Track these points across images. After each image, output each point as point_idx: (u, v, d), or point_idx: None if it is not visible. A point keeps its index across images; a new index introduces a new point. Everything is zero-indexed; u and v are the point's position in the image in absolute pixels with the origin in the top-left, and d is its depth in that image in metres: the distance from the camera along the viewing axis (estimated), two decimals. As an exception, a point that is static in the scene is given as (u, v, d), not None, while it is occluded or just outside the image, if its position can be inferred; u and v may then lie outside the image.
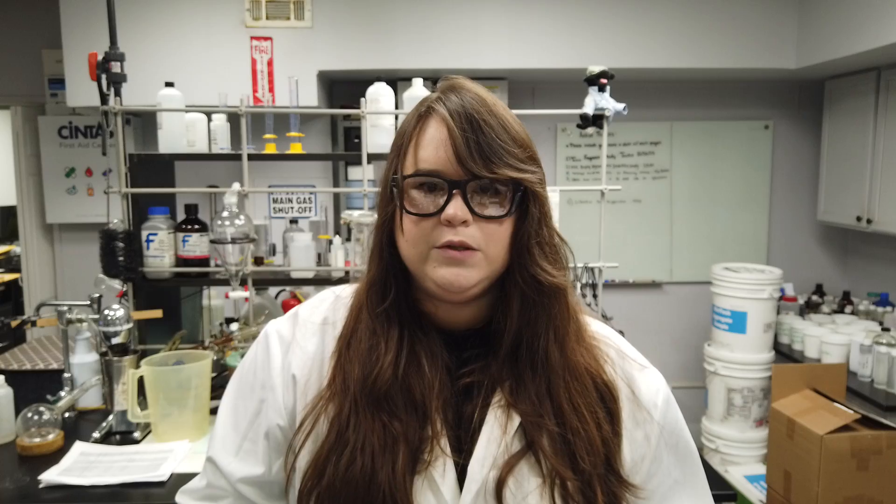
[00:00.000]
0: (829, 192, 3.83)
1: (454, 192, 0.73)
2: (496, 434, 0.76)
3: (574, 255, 0.85)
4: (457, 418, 0.78)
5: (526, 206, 0.76)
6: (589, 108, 2.28)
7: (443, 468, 0.75)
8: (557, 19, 3.43)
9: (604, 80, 2.29)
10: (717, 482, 1.78)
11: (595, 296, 2.34)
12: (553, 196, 2.31)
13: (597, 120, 2.30)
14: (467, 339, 0.81)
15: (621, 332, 2.72)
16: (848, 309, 3.81)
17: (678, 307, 4.21)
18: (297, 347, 0.84)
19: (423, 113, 0.77)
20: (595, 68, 2.30)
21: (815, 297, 3.95)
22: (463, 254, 0.74)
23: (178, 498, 0.91)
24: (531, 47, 3.43)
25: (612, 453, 0.78)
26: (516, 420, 0.76)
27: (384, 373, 0.77)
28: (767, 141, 4.13)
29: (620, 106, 2.29)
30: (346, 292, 0.87)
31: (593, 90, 2.30)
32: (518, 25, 3.42)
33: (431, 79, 3.85)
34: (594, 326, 0.87)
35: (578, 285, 2.32)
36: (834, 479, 2.38)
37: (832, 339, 3.29)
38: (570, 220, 3.87)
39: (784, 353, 3.55)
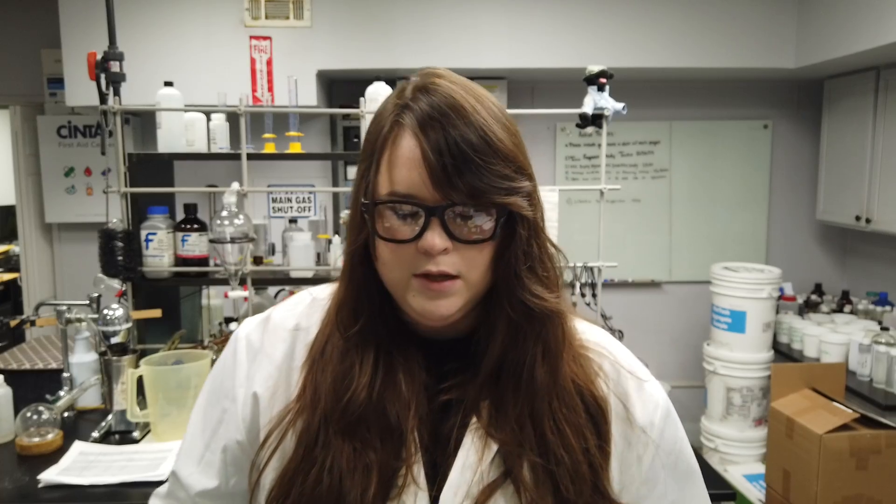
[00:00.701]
0: (828, 192, 3.83)
1: (432, 218, 0.66)
2: (472, 460, 0.71)
3: (572, 260, 0.80)
4: (433, 437, 0.73)
5: (512, 226, 0.69)
6: (588, 107, 2.28)
7: (414, 497, 0.71)
8: (557, 19, 3.43)
9: (603, 80, 2.29)
10: (716, 481, 1.78)
11: (594, 295, 2.34)
12: (552, 196, 2.31)
13: (596, 119, 2.30)
14: (449, 350, 0.76)
15: (620, 332, 2.71)
16: (847, 308, 3.81)
17: (677, 307, 4.22)
18: (263, 357, 0.79)
19: (394, 122, 0.69)
20: (594, 68, 2.30)
21: (814, 297, 3.96)
22: (442, 285, 0.68)
23: (150, 501, 0.89)
24: (530, 47, 3.43)
25: (600, 477, 0.73)
26: (494, 445, 0.71)
27: (357, 397, 0.71)
28: (766, 140, 4.14)
29: (619, 105, 2.29)
30: (324, 294, 0.82)
31: (592, 90, 2.30)
32: (517, 25, 3.42)
33: (431, 78, 3.85)
34: (588, 334, 0.80)
35: (578, 285, 2.33)
36: (833, 478, 2.38)
37: (831, 338, 3.29)
38: (569, 219, 3.87)
39: (783, 353, 3.55)
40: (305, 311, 0.82)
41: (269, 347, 0.80)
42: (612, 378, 0.78)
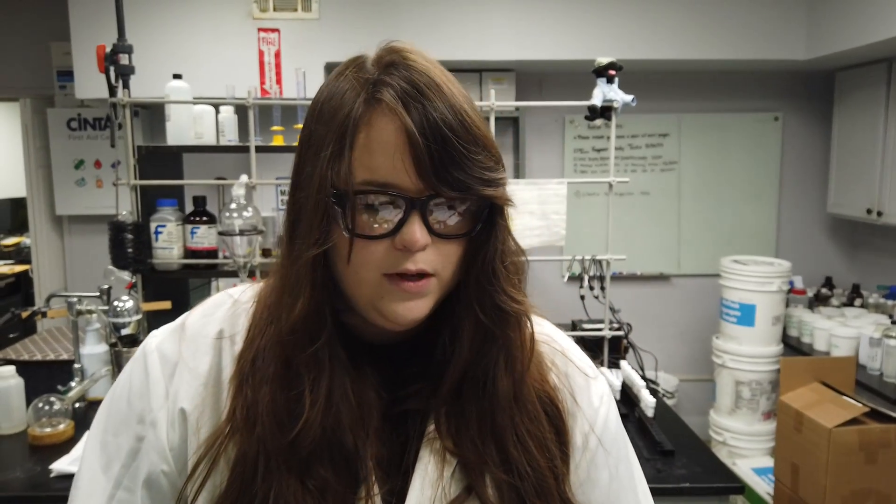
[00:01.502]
0: (838, 185, 3.81)
1: (413, 211, 0.60)
2: (431, 476, 0.66)
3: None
4: (387, 448, 0.67)
5: (492, 220, 0.64)
6: (597, 99, 2.27)
7: None
8: (565, 11, 3.41)
9: (612, 72, 2.28)
10: (724, 475, 1.78)
11: (603, 288, 2.34)
12: (560, 189, 2.30)
13: (605, 112, 2.29)
14: (399, 354, 0.70)
15: (629, 325, 2.69)
16: (857, 302, 3.79)
17: (686, 300, 4.20)
18: (184, 370, 0.68)
19: (369, 98, 0.60)
20: (603, 60, 2.29)
21: (824, 290, 3.94)
22: (419, 284, 0.62)
23: None
24: (538, 39, 3.42)
25: (564, 487, 0.69)
26: (454, 459, 0.67)
27: (309, 430, 0.62)
28: (777, 133, 4.11)
29: (629, 98, 2.28)
30: (246, 296, 0.73)
31: (601, 82, 2.29)
32: (525, 17, 3.40)
33: (439, 70, 3.85)
34: (539, 327, 0.75)
35: (586, 278, 2.32)
36: (842, 472, 2.37)
37: (841, 332, 3.27)
38: (577, 212, 3.86)
39: (793, 346, 3.54)
40: (228, 315, 0.72)
41: (191, 360, 0.69)
42: (563, 372, 0.75)
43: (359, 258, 0.61)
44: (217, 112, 2.44)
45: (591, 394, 0.75)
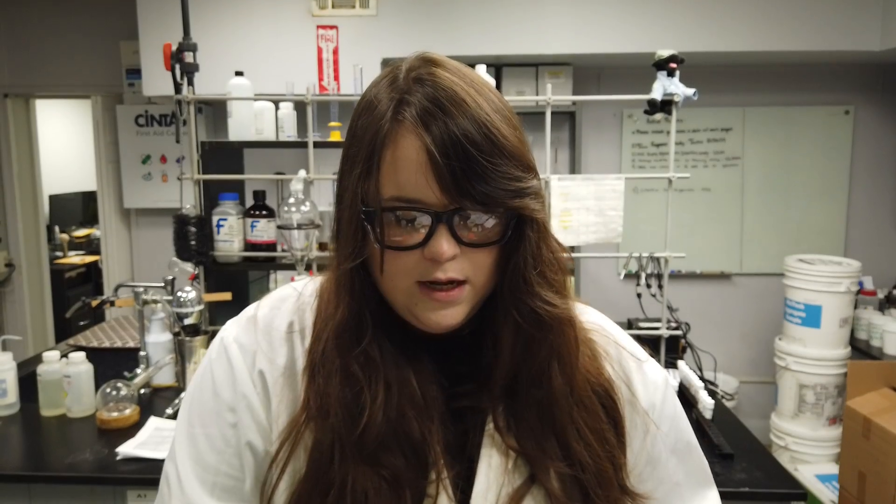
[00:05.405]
0: (914, 181, 3.63)
1: (439, 224, 0.62)
2: (496, 466, 0.69)
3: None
4: (452, 438, 0.69)
5: (521, 228, 0.65)
6: (657, 93, 2.22)
7: None
8: (624, 2, 3.34)
9: (673, 65, 2.22)
10: (786, 480, 1.73)
11: (660, 286, 2.29)
12: (618, 184, 2.26)
13: (665, 106, 2.24)
14: (454, 348, 0.71)
15: (687, 325, 2.62)
16: (933, 304, 3.61)
17: (748, 299, 4.08)
18: (263, 359, 0.72)
19: (393, 118, 0.63)
20: (664, 52, 2.24)
21: (896, 292, 3.77)
22: (450, 294, 0.64)
23: None
24: (597, 31, 3.36)
25: (622, 474, 0.72)
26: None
27: (374, 422, 0.65)
28: (847, 127, 3.94)
29: (690, 91, 2.22)
30: (309, 290, 0.76)
31: (662, 75, 2.24)
32: (583, 9, 3.35)
33: (495, 65, 3.77)
34: (587, 316, 0.78)
35: (643, 275, 2.28)
36: (913, 482, 2.27)
37: (914, 335, 3.13)
38: (635, 208, 3.79)
39: (861, 350, 3.40)
40: (295, 309, 0.75)
41: (269, 351, 0.72)
42: (615, 359, 0.77)
43: (392, 268, 0.65)
44: (277, 108, 2.49)
45: (645, 376, 0.78)
